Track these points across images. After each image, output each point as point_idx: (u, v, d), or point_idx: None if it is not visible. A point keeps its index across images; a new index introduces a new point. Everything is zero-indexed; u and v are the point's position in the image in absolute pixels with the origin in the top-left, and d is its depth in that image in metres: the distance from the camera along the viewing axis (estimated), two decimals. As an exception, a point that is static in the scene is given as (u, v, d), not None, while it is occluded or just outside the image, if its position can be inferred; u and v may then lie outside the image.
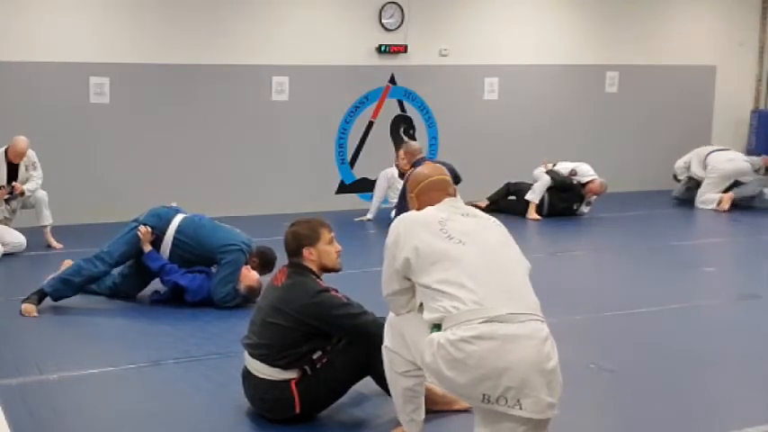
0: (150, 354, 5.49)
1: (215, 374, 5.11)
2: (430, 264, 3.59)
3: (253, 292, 6.46)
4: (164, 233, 6.64)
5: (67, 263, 6.82)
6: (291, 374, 4.33)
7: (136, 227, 6.64)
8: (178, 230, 6.66)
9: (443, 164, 9.49)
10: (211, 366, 5.26)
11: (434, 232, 3.67)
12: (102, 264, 6.52)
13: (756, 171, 11.32)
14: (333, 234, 4.55)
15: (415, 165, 9.38)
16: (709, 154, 11.44)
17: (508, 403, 3.41)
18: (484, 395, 3.42)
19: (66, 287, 6.44)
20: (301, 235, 4.46)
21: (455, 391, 3.52)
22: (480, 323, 3.42)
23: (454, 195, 3.94)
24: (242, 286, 6.52)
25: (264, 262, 6.73)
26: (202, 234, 6.68)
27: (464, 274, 3.53)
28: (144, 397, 4.88)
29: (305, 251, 4.43)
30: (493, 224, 3.89)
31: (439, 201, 3.85)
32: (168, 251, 6.63)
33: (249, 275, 6.55)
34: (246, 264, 6.62)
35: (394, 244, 3.74)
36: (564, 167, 10.67)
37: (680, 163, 11.71)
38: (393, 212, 9.39)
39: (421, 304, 3.64)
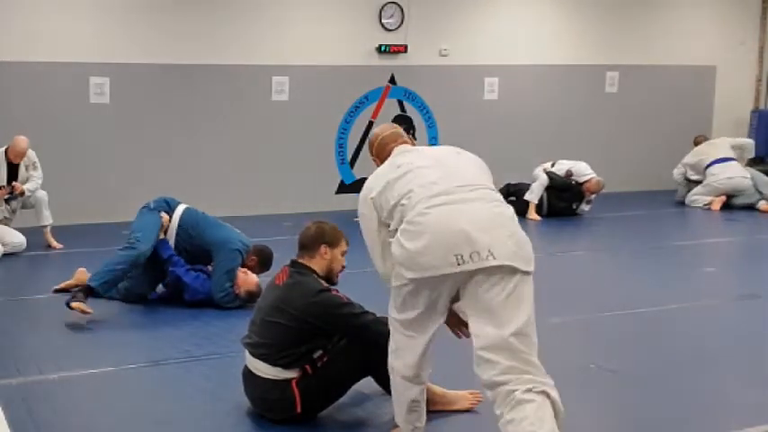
0: (150, 354, 5.49)
1: (215, 374, 5.11)
2: (390, 194, 3.75)
3: (252, 297, 6.41)
4: (169, 221, 6.67)
5: (81, 271, 6.79)
6: (292, 374, 4.32)
7: (154, 211, 6.61)
8: (182, 219, 6.69)
9: None
10: (211, 366, 5.25)
11: (391, 173, 3.85)
12: (142, 244, 6.42)
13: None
14: (347, 249, 4.59)
15: None
16: (708, 166, 11.37)
17: (481, 255, 3.51)
18: (456, 256, 3.50)
19: (113, 277, 6.34)
20: (326, 232, 4.51)
21: (429, 266, 3.53)
22: (431, 197, 3.62)
23: (409, 143, 4.10)
24: (242, 291, 6.51)
25: (263, 260, 6.73)
26: (204, 226, 6.70)
27: (415, 181, 3.72)
28: (144, 397, 4.88)
29: (322, 248, 4.45)
30: (452, 150, 4.05)
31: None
32: (173, 240, 6.64)
33: (248, 280, 6.54)
34: (244, 264, 6.62)
35: (362, 203, 3.90)
36: (561, 167, 10.67)
37: (676, 173, 11.67)
38: None
39: None
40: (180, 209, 6.76)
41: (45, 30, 9.37)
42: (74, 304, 6.08)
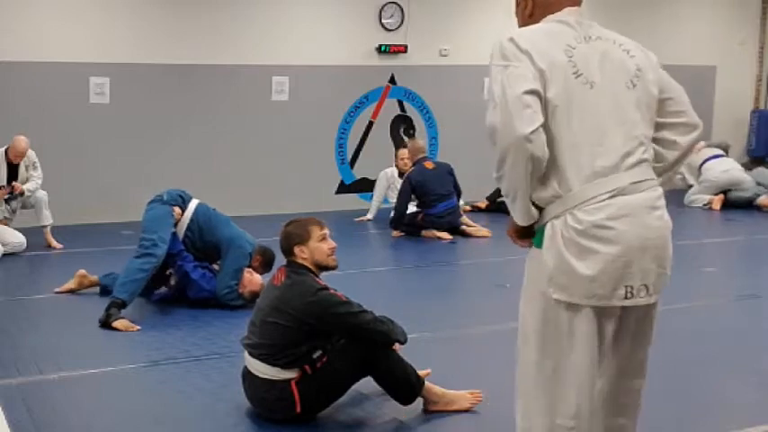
0: (150, 354, 5.49)
1: (215, 374, 5.11)
2: (559, 105, 2.79)
3: (256, 297, 6.42)
4: (181, 215, 6.61)
5: (81, 273, 6.78)
6: (291, 374, 4.32)
7: (166, 205, 6.52)
8: (195, 214, 6.64)
9: (443, 165, 9.54)
10: (211, 366, 5.25)
11: (562, 57, 2.84)
12: (159, 248, 6.29)
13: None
14: (325, 231, 4.53)
15: (415, 164, 9.41)
16: (703, 163, 11.39)
17: (648, 291, 2.98)
18: (626, 288, 2.87)
19: (138, 287, 6.21)
20: (292, 234, 4.48)
21: (590, 292, 2.80)
22: (598, 180, 2.81)
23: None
24: (246, 291, 6.52)
25: (267, 260, 6.74)
26: (216, 222, 6.68)
27: (592, 130, 2.81)
28: (144, 397, 4.88)
29: (296, 249, 4.43)
30: (621, 52, 2.96)
31: (560, 8, 3.01)
32: (182, 234, 6.59)
33: (253, 280, 6.55)
34: (249, 265, 6.62)
35: (507, 50, 2.80)
36: None
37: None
38: (392, 213, 9.41)
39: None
40: (193, 203, 6.70)
41: (45, 30, 9.37)
42: (117, 324, 5.96)
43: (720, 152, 11.45)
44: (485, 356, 5.46)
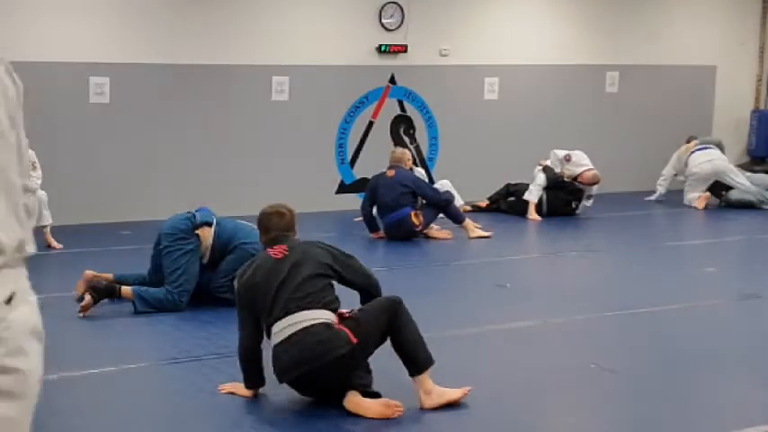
0: (150, 354, 5.50)
1: (215, 374, 5.11)
2: None
3: None
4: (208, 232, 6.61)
5: (89, 273, 6.76)
6: (334, 317, 4.60)
7: (195, 241, 6.49)
8: (217, 235, 6.61)
9: (402, 175, 9.29)
10: (211, 366, 5.25)
11: None
12: (185, 301, 6.39)
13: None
14: None
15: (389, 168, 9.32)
16: (690, 155, 11.41)
17: None
18: None
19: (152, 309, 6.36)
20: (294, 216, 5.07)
21: None
22: None
23: None
24: None
25: None
26: (229, 234, 6.69)
27: None
28: (144, 397, 4.88)
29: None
30: None
31: None
32: (207, 257, 6.56)
33: None
34: None
35: None
36: (560, 153, 10.62)
37: (666, 175, 11.67)
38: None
39: None
40: (214, 225, 6.66)
41: (45, 30, 9.36)
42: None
43: (708, 145, 11.45)
44: (485, 356, 5.47)
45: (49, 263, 7.92)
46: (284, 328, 4.54)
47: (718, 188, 11.29)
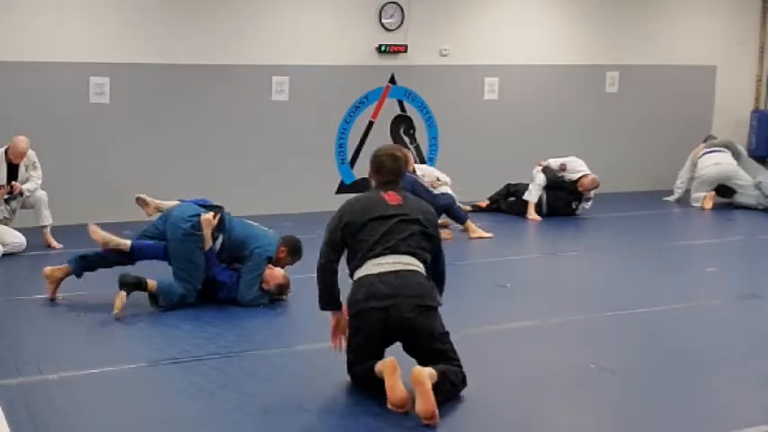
0: (150, 354, 5.49)
1: (215, 374, 5.11)
2: None
3: (282, 289, 6.69)
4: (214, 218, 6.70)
5: (47, 270, 6.74)
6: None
7: (198, 240, 6.57)
8: (229, 222, 6.78)
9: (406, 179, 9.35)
10: (211, 366, 5.25)
11: None
12: (194, 294, 6.53)
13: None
14: None
15: None
16: (701, 156, 11.56)
17: None
18: None
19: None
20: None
21: None
22: None
23: None
24: (272, 286, 6.65)
25: (293, 249, 6.89)
26: (242, 229, 6.79)
27: None
28: (144, 397, 4.88)
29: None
30: None
31: None
32: (219, 243, 6.69)
33: (275, 274, 6.67)
34: (272, 260, 6.73)
35: None
36: (555, 163, 10.66)
37: (683, 177, 11.75)
38: None
39: None
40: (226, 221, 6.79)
41: (45, 30, 9.36)
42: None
43: (719, 148, 11.55)
44: (485, 356, 5.46)
45: (49, 263, 7.90)
46: (389, 263, 4.72)
47: (726, 188, 11.36)
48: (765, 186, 11.13)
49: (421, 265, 4.80)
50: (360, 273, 4.76)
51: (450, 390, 4.59)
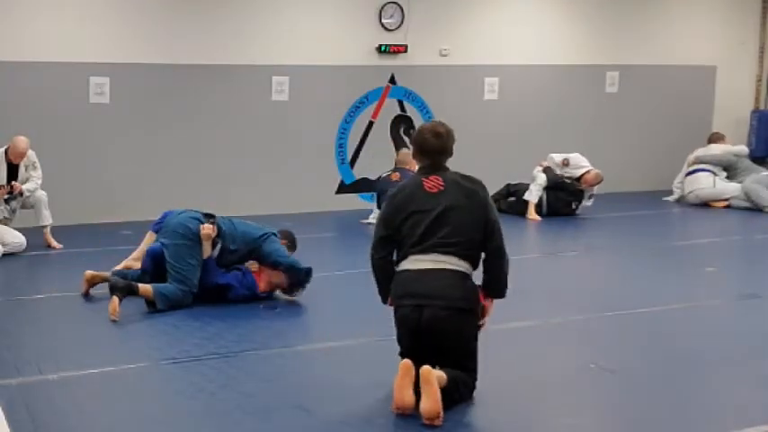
0: (150, 354, 5.49)
1: (215, 374, 5.11)
2: None
3: (279, 287, 6.76)
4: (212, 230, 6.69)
5: (90, 273, 6.74)
6: (468, 270, 4.61)
7: (195, 242, 6.57)
8: (223, 228, 6.76)
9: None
10: (211, 366, 5.25)
11: None
12: (191, 294, 6.51)
13: None
14: None
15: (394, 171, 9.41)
16: (687, 175, 11.69)
17: None
18: None
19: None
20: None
21: None
22: None
23: None
24: (274, 284, 6.73)
25: (293, 241, 7.01)
26: (241, 229, 6.81)
27: None
28: (144, 397, 4.88)
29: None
30: None
31: None
32: (219, 248, 6.70)
33: (273, 272, 6.70)
34: None
35: None
36: (557, 158, 10.66)
37: (681, 179, 11.78)
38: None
39: None
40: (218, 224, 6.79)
41: (45, 30, 9.36)
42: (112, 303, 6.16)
43: (704, 167, 11.52)
44: (484, 356, 5.46)
45: (49, 263, 7.92)
46: (429, 260, 4.56)
47: None
48: (750, 192, 11.11)
49: (463, 264, 4.58)
50: (401, 266, 4.66)
51: (457, 400, 4.56)
